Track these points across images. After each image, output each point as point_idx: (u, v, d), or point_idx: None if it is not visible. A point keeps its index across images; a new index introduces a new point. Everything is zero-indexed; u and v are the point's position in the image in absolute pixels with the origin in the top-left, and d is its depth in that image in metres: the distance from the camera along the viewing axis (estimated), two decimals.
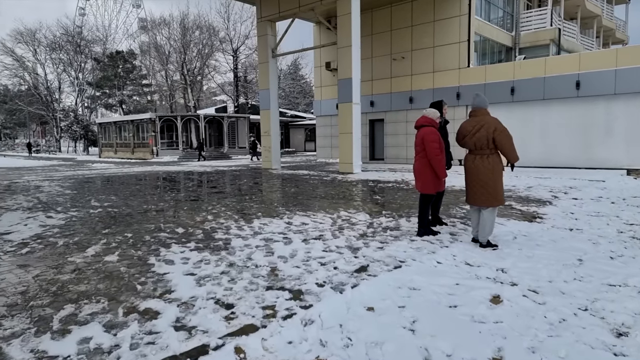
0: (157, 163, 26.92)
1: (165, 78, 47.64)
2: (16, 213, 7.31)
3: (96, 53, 54.92)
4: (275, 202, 8.47)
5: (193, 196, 9.69)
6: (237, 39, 39.08)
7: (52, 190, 10.73)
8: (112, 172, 17.82)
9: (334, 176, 14.09)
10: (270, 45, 17.96)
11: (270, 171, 16.85)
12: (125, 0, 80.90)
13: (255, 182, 12.86)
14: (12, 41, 52.42)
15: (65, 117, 49.04)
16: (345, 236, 5.42)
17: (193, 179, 14.17)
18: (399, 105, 20.04)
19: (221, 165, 22.70)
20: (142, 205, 8.21)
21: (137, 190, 10.91)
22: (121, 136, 36.94)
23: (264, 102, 18.43)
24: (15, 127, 67.61)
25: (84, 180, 14.12)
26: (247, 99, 41.75)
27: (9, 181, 13.68)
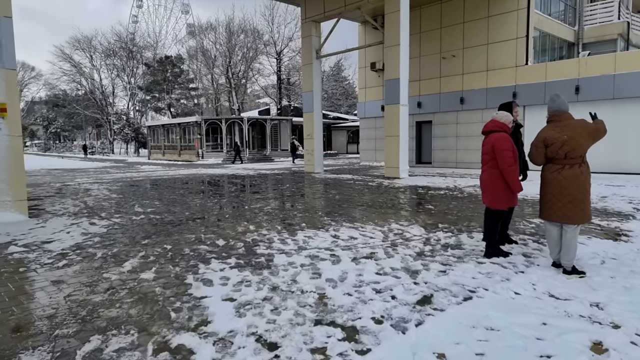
0: (202, 165, 27.34)
1: (211, 82, 48.80)
2: (61, 219, 7.29)
3: (147, 58, 57.25)
4: (319, 211, 7.99)
5: (235, 202, 9.41)
6: (281, 41, 39.30)
7: (99, 194, 10.85)
8: (159, 175, 18.11)
9: (380, 181, 13.43)
10: (315, 47, 17.58)
11: (313, 175, 16.45)
12: (174, 7, 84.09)
13: (298, 188, 12.47)
14: (70, 48, 55.71)
15: (118, 120, 51.43)
16: (400, 255, 4.82)
17: (236, 183, 14.01)
18: (448, 106, 19.03)
19: (263, 168, 22.61)
20: (184, 212, 8.00)
21: (180, 195, 10.81)
22: (169, 139, 38.08)
23: (307, 105, 18.08)
24: (73, 129, 71.89)
25: (131, 183, 14.32)
26: (289, 101, 41.79)
27: (62, 183, 14.13)
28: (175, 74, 54.73)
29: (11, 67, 7.07)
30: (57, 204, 9.07)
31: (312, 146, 17.88)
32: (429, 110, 19.75)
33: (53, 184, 13.89)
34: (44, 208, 8.55)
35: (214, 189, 12.46)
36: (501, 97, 17.26)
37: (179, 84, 55.43)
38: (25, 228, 6.45)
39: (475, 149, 18.21)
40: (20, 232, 6.16)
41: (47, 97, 71.63)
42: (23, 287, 3.89)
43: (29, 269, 4.42)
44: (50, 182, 15.06)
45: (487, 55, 17.55)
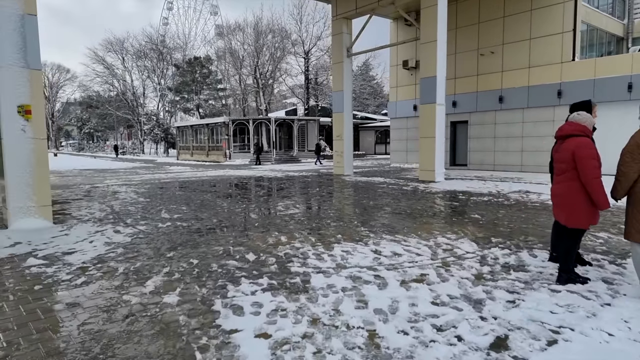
0: (230, 166, 27.21)
1: (239, 82, 48.93)
2: (86, 226, 6.99)
3: (176, 60, 58.09)
4: (354, 219, 7.40)
5: (264, 208, 8.94)
6: (309, 40, 38.83)
7: (126, 198, 10.63)
8: (186, 177, 17.95)
9: (415, 185, 12.71)
10: (346, 44, 16.98)
11: (343, 178, 15.86)
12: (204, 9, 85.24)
13: (328, 192, 11.91)
14: (103, 50, 57.16)
15: (148, 120, 52.35)
16: (455, 278, 4.18)
17: (263, 186, 13.59)
18: (486, 105, 18.05)
19: (291, 169, 22.18)
20: (211, 219, 7.58)
21: (208, 199, 10.45)
22: (197, 139, 38.31)
23: (337, 105, 17.50)
24: (106, 130, 73.90)
25: (159, 185, 14.14)
26: (317, 101, 41.31)
27: (91, 185, 14.10)
28: (203, 75, 55.28)
29: (36, 68, 6.82)
30: (84, 208, 8.84)
31: (342, 147, 17.28)
32: (465, 109, 18.80)
33: (83, 186, 13.86)
34: (70, 213, 8.32)
35: (241, 192, 12.06)
36: (544, 95, 16.19)
37: (207, 85, 55.97)
38: (48, 236, 6.16)
39: (515, 150, 17.19)
40: (42, 241, 5.86)
41: (82, 98, 73.93)
42: (35, 311, 3.49)
43: (45, 287, 4.03)
44: (80, 183, 15.09)
45: (530, 50, 16.49)
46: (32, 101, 6.77)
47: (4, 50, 6.50)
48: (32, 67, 6.77)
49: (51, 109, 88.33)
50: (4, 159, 6.61)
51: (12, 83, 6.58)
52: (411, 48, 20.79)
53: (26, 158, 6.74)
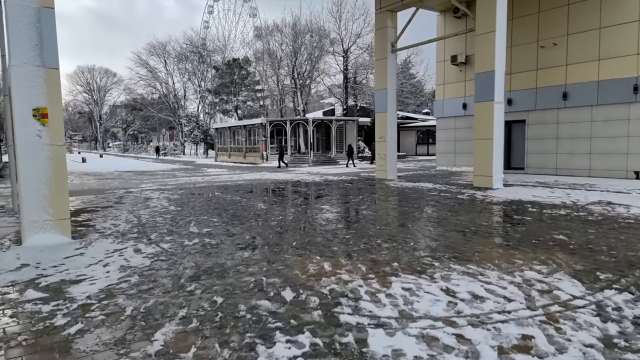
0: (266, 169, 26.56)
1: (276, 83, 48.56)
2: (106, 242, 6.24)
3: (216, 62, 58.64)
4: (410, 239, 6.23)
5: (302, 221, 7.93)
6: (348, 38, 37.60)
7: (157, 206, 9.96)
8: (222, 181, 17.33)
9: (471, 193, 11.31)
10: (390, 39, 15.74)
11: (387, 183, 14.62)
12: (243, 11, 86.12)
13: (372, 200, 10.76)
14: (147, 54, 58.60)
15: (188, 122, 53.06)
16: (575, 344, 2.96)
17: (300, 193, 12.62)
18: (547, 102, 16.26)
19: (329, 172, 21.15)
20: (243, 235, 6.66)
21: (241, 208, 9.59)
22: (235, 140, 38.13)
23: (379, 104, 16.29)
24: (149, 131, 76.06)
25: (192, 191, 13.52)
26: (356, 101, 40.06)
27: (125, 190, 13.67)
28: (242, 76, 55.42)
29: (53, 67, 6.14)
30: (110, 219, 8.19)
31: (385, 150, 16.04)
32: (522, 107, 17.05)
33: (117, 191, 13.45)
34: (95, 225, 7.67)
35: (277, 200, 11.14)
36: (617, 91, 14.27)
37: (245, 86, 56.08)
38: (61, 256, 5.42)
39: (582, 153, 15.32)
40: (53, 263, 5.12)
41: (127, 101, 76.50)
42: None
43: (28, 340, 3.18)
44: (116, 187, 14.75)
45: (600, 41, 14.59)
46: (48, 104, 6.09)
47: (17, 47, 5.84)
48: (48, 66, 6.09)
49: (99, 112, 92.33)
50: (18, 168, 5.97)
51: (27, 84, 5.92)
52: (460, 42, 19.23)
53: (42, 167, 6.07)
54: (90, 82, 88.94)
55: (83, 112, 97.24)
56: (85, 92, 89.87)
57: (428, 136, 41.46)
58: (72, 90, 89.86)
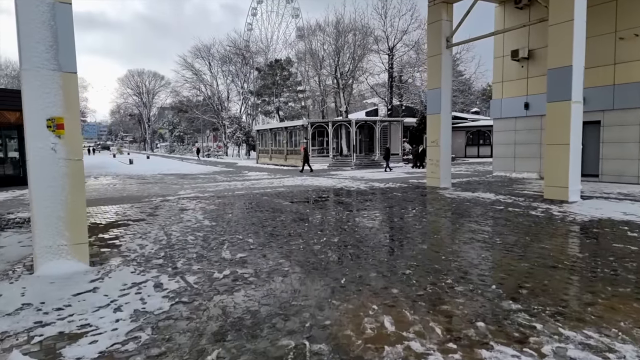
0: (308, 172, 25.65)
1: (318, 83, 47.73)
2: (126, 271, 5.43)
3: (258, 63, 58.75)
4: (490, 280, 4.95)
5: (350, 246, 6.81)
6: (394, 36, 35.95)
7: (191, 219, 9.19)
8: (262, 187, 16.54)
9: (545, 208, 9.72)
10: (445, 33, 14.27)
11: (441, 192, 13.19)
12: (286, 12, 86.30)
13: (429, 216, 9.45)
14: (192, 57, 59.68)
15: (231, 124, 53.42)
16: None
17: (345, 204, 11.50)
18: (627, 101, 14.19)
19: (374, 177, 19.87)
20: (282, 265, 5.63)
21: (280, 224, 8.61)
22: (276, 142, 37.65)
23: (432, 105, 14.85)
24: (194, 133, 77.77)
25: (231, 200, 12.76)
26: (401, 101, 38.35)
27: (163, 198, 13.14)
28: (284, 77, 55.12)
29: (70, 70, 5.40)
30: (138, 237, 7.45)
31: (438, 155, 14.59)
32: (596, 107, 15.00)
33: (154, 199, 12.94)
34: (120, 245, 6.94)
35: (320, 214, 10.08)
36: None
37: (287, 87, 55.74)
38: (70, 292, 4.63)
39: None
40: (58, 303, 4.32)
41: (173, 103, 78.68)
42: None
43: None
44: (154, 194, 14.31)
45: None
46: (65, 113, 5.35)
47: (29, 49, 5.13)
48: (65, 70, 5.35)
49: (148, 114, 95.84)
50: (30, 186, 5.26)
51: (40, 90, 5.21)
52: (522, 35, 17.36)
53: (57, 184, 5.34)
54: (139, 85, 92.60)
55: (133, 114, 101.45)
56: (135, 95, 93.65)
57: (479, 137, 39.07)
58: (123, 93, 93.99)
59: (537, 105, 16.91)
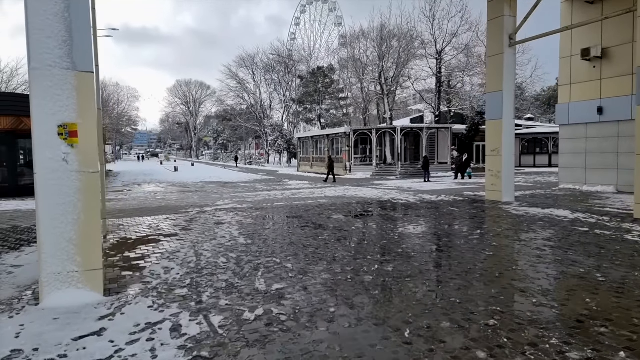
0: (350, 181, 24.56)
1: (360, 90, 46.67)
2: (143, 305, 4.58)
3: (301, 71, 58.59)
4: (617, 344, 3.64)
5: (408, 277, 5.64)
6: (442, 39, 34.23)
7: (225, 236, 8.36)
8: (302, 198, 15.62)
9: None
10: (507, 30, 12.79)
11: (504, 208, 11.65)
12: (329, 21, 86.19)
13: (497, 238, 8.06)
14: (236, 66, 60.52)
15: (273, 132, 53.39)
16: None
17: (394, 219, 10.29)
18: None
19: (422, 188, 18.43)
20: (326, 302, 4.58)
21: (323, 244, 7.57)
22: (317, 150, 36.88)
23: (492, 109, 13.34)
24: (237, 141, 78.90)
25: (269, 214, 11.91)
26: (449, 107, 36.40)
27: (200, 209, 12.50)
28: (326, 85, 54.53)
29: (87, 70, 4.68)
30: (165, 258, 6.66)
31: (499, 166, 13.03)
32: None
33: (192, 210, 12.34)
34: (144, 267, 6.16)
35: (368, 231, 8.95)
36: None
37: (329, 94, 55.10)
38: (70, 335, 3.81)
39: None
40: (51, 353, 3.50)
41: (218, 112, 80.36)
42: None
43: None
44: (192, 205, 13.75)
45: None
46: (79, 118, 4.63)
47: (39, 44, 4.45)
48: (80, 69, 4.64)
49: (194, 122, 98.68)
50: (36, 202, 4.55)
51: (51, 92, 4.50)
52: (595, 32, 15.48)
53: (69, 201, 4.60)
54: (187, 95, 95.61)
55: (180, 123, 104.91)
56: (183, 104, 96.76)
57: (534, 145, 36.39)
58: (171, 102, 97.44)
59: (613, 110, 14.95)
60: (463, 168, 25.40)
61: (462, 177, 25.12)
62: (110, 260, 6.53)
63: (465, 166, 25.57)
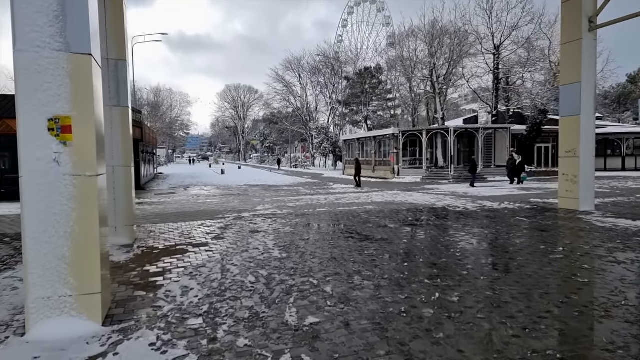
0: (398, 185, 23.10)
1: (409, 90, 44.79)
2: (142, 343, 3.68)
3: (347, 73, 57.54)
4: None
5: (480, 311, 4.38)
6: (501, 33, 31.59)
7: (259, 247, 7.44)
8: (347, 203, 14.51)
9: None
10: (587, 13, 10.99)
11: (584, 219, 9.87)
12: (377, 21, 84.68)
13: (588, 258, 6.51)
14: (283, 69, 60.58)
15: (318, 134, 52.68)
16: None
17: (452, 231, 8.90)
18: None
19: (480, 194, 16.68)
20: (373, 349, 3.45)
21: (369, 261, 6.43)
22: (363, 153, 35.59)
23: (568, 104, 11.52)
24: (283, 144, 79.18)
25: (310, 221, 10.92)
26: (507, 106, 33.68)
27: (238, 214, 11.75)
28: (373, 86, 53.12)
29: (83, 51, 3.87)
30: (186, 275, 5.81)
31: (577, 169, 11.21)
32: None
33: (228, 216, 11.62)
34: (160, 287, 5.33)
35: (422, 246, 7.67)
36: None
37: (376, 95, 53.62)
38: None
39: None
40: None
41: (265, 115, 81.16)
42: None
43: None
44: (230, 210, 13.07)
45: None
46: (74, 110, 3.83)
47: (26, 21, 3.70)
48: (75, 51, 3.84)
49: (242, 126, 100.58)
50: (22, 212, 3.79)
51: (39, 79, 3.73)
52: None
53: (60, 211, 3.81)
54: (235, 99, 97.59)
55: (229, 127, 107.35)
56: (232, 109, 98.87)
57: (605, 147, 32.90)
58: (221, 107, 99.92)
59: None
60: (517, 171, 23.10)
61: (517, 181, 22.87)
62: (126, 275, 5.78)
63: (519, 169, 23.24)
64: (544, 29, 31.70)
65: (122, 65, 7.62)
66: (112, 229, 7.61)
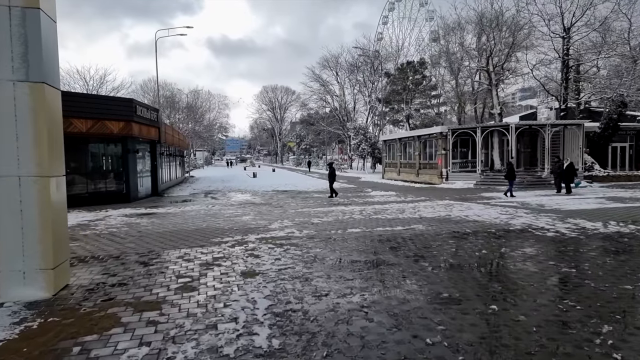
0: (448, 192, 19.40)
1: (455, 87, 40.48)
2: None
3: (388, 69, 53.84)
4: None
5: None
6: (572, 12, 26.74)
7: (237, 318, 4.41)
8: (389, 219, 11.24)
9: None
10: None
11: None
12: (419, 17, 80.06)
13: None
14: (320, 68, 57.78)
15: (356, 135, 49.35)
16: None
17: (560, 276, 5.43)
18: None
19: (562, 207, 12.80)
20: None
21: (428, 352, 3.17)
22: (405, 155, 31.91)
23: None
24: (320, 145, 76.41)
25: (335, 251, 7.80)
26: (578, 99, 28.80)
27: (241, 237, 8.78)
28: (416, 82, 49.14)
29: None
30: None
31: None
32: None
33: (228, 240, 8.70)
34: None
35: (520, 312, 4.32)
36: None
37: (419, 92, 49.59)
38: None
39: None
40: None
41: (301, 116, 78.82)
42: None
43: None
44: (235, 230, 10.19)
45: None
46: None
47: None
48: None
49: (279, 128, 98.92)
50: None
51: None
52: None
53: None
54: (272, 101, 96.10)
55: (267, 129, 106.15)
56: (269, 110, 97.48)
57: None
58: (258, 108, 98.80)
59: None
60: (569, 177, 18.52)
61: (566, 190, 18.25)
62: None
63: (570, 174, 18.64)
64: (622, 9, 26.75)
65: (33, 16, 4.84)
66: (16, 273, 4.84)
